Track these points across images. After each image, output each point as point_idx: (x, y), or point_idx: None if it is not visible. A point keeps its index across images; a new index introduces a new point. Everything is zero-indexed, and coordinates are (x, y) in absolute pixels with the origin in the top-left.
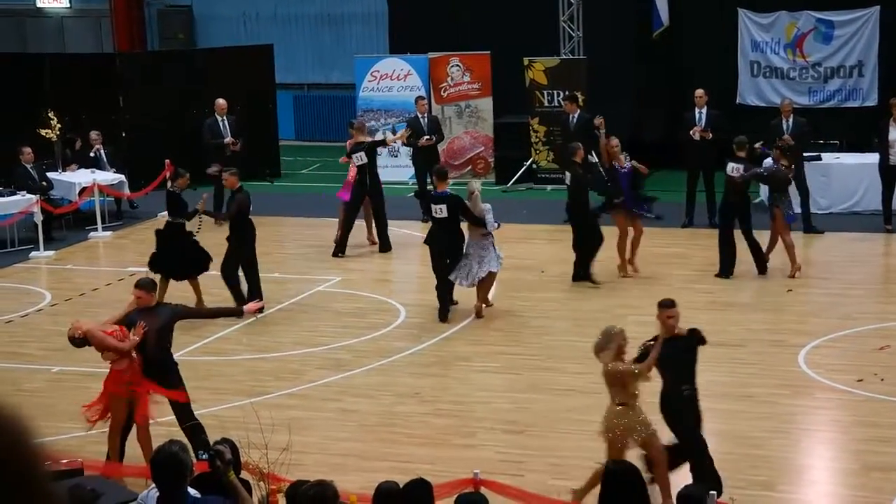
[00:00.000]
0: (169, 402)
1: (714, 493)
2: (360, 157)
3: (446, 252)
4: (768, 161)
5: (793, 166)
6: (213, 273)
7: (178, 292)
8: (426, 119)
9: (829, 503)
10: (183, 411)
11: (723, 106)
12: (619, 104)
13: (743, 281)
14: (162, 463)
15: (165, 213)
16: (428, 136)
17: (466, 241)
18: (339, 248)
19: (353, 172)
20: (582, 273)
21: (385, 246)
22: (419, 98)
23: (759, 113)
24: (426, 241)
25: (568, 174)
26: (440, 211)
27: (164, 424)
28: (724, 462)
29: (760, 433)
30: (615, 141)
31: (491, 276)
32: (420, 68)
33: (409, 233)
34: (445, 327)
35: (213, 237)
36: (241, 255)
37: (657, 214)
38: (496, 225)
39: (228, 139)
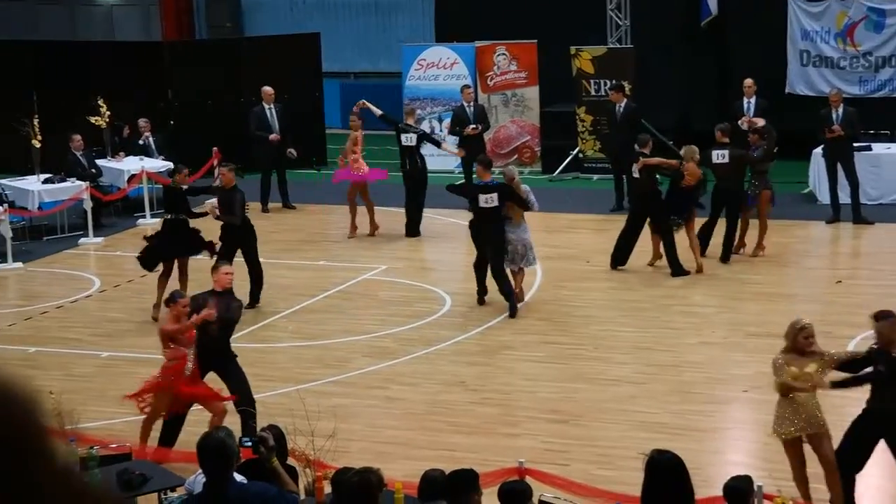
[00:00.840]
0: (228, 385)
1: (761, 485)
2: (410, 139)
3: (493, 244)
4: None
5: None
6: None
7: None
8: (472, 108)
9: (880, 496)
10: (244, 396)
11: (772, 95)
12: (666, 94)
13: (792, 272)
14: (209, 449)
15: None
16: (473, 126)
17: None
18: (412, 230)
19: (361, 168)
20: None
21: (414, 231)
22: (465, 87)
23: (808, 102)
24: (474, 237)
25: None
26: (490, 200)
27: (206, 411)
28: (773, 454)
29: None
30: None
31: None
32: (466, 57)
33: (454, 221)
34: (490, 316)
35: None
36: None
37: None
38: (537, 205)
39: (274, 136)
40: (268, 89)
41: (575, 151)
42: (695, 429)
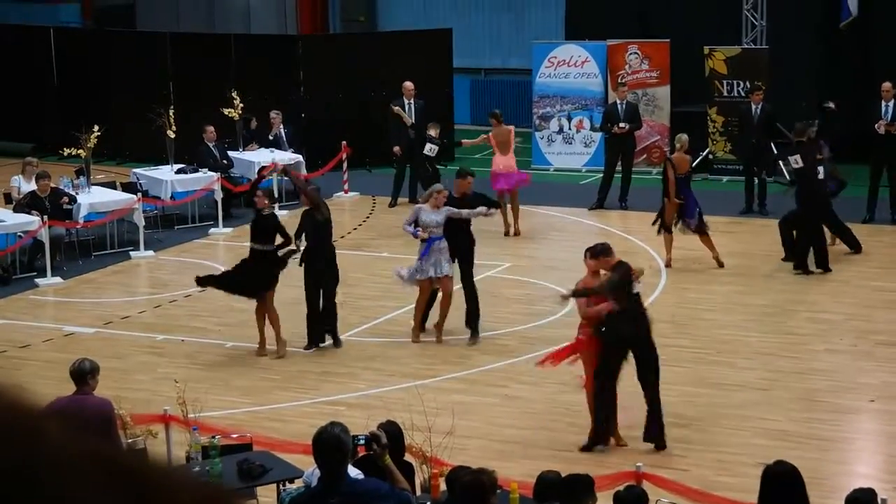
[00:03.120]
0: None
1: (885, 499)
2: (432, 150)
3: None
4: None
5: None
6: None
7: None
8: (623, 105)
9: None
10: None
11: None
12: (801, 96)
13: None
14: (323, 444)
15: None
16: (620, 125)
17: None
18: None
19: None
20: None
21: None
22: (619, 85)
23: None
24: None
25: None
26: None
27: (326, 404)
28: None
29: None
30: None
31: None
32: (598, 55)
33: (578, 220)
34: None
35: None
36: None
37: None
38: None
39: (397, 148)
40: (408, 84)
41: (705, 152)
42: (819, 438)
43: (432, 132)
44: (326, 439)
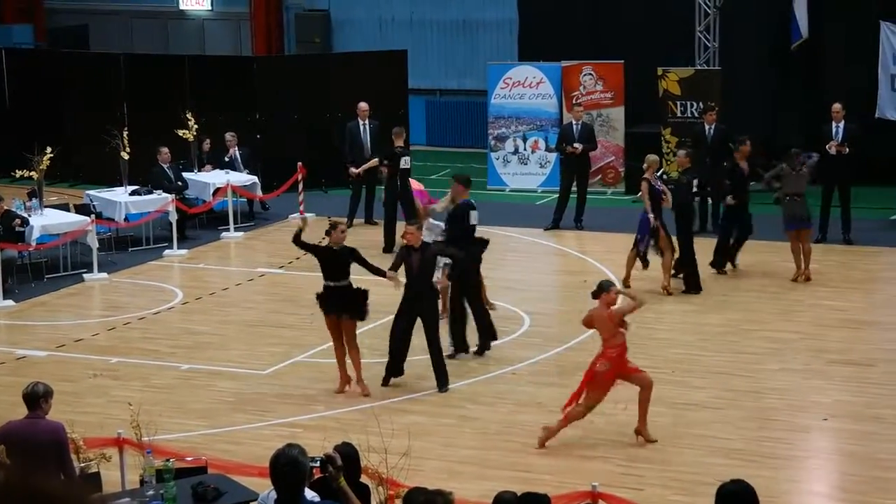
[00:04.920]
0: None
1: None
2: (406, 162)
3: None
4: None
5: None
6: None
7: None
8: (579, 126)
9: None
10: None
11: (862, 120)
12: (754, 116)
13: (877, 299)
14: (281, 466)
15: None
16: (574, 145)
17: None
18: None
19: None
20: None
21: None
22: (575, 105)
23: None
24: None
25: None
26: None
27: (283, 426)
28: (852, 484)
29: (890, 456)
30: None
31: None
32: (553, 76)
33: (533, 240)
34: (569, 336)
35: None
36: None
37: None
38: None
39: (353, 170)
40: (363, 105)
41: (659, 172)
42: (772, 456)
43: (400, 142)
44: (284, 462)
